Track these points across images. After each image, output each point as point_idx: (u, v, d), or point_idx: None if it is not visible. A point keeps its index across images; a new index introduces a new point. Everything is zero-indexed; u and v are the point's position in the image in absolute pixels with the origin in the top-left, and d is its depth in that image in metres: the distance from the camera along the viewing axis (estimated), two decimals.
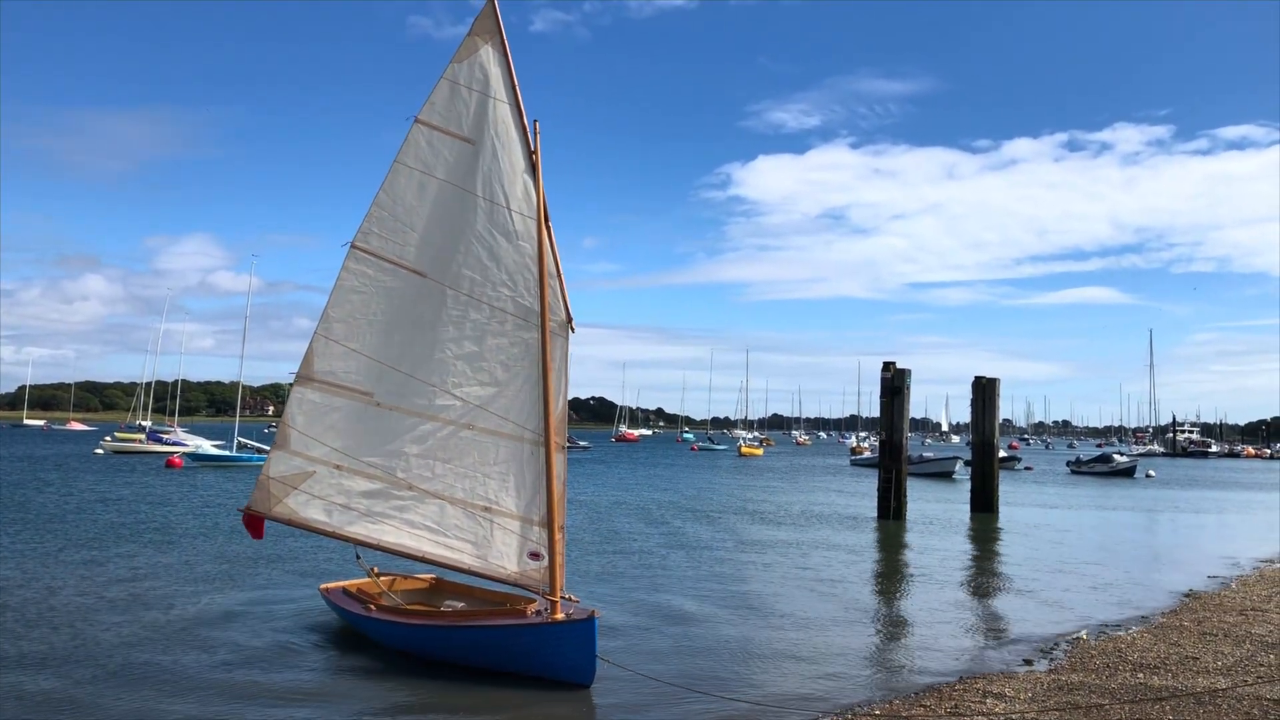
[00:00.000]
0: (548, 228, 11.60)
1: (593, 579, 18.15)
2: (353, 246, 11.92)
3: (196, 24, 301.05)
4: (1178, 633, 13.78)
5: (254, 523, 12.28)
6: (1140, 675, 11.20)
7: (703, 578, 18.88)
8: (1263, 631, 13.68)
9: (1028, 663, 12.23)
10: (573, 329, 11.65)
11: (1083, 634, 13.79)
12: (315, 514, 11.95)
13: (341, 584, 13.85)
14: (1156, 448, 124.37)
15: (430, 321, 11.82)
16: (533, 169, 11.69)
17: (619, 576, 18.69)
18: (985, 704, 9.98)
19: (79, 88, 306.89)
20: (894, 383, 32.00)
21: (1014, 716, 9.49)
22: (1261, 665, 11.61)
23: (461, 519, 11.74)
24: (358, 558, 12.96)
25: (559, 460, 11.42)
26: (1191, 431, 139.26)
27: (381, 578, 13.79)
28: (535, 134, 11.70)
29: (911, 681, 11.43)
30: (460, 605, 12.88)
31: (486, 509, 11.67)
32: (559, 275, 11.61)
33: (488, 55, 11.68)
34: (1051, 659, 12.38)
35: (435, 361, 11.79)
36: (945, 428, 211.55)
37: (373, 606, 12.48)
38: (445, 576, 13.82)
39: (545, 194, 11.71)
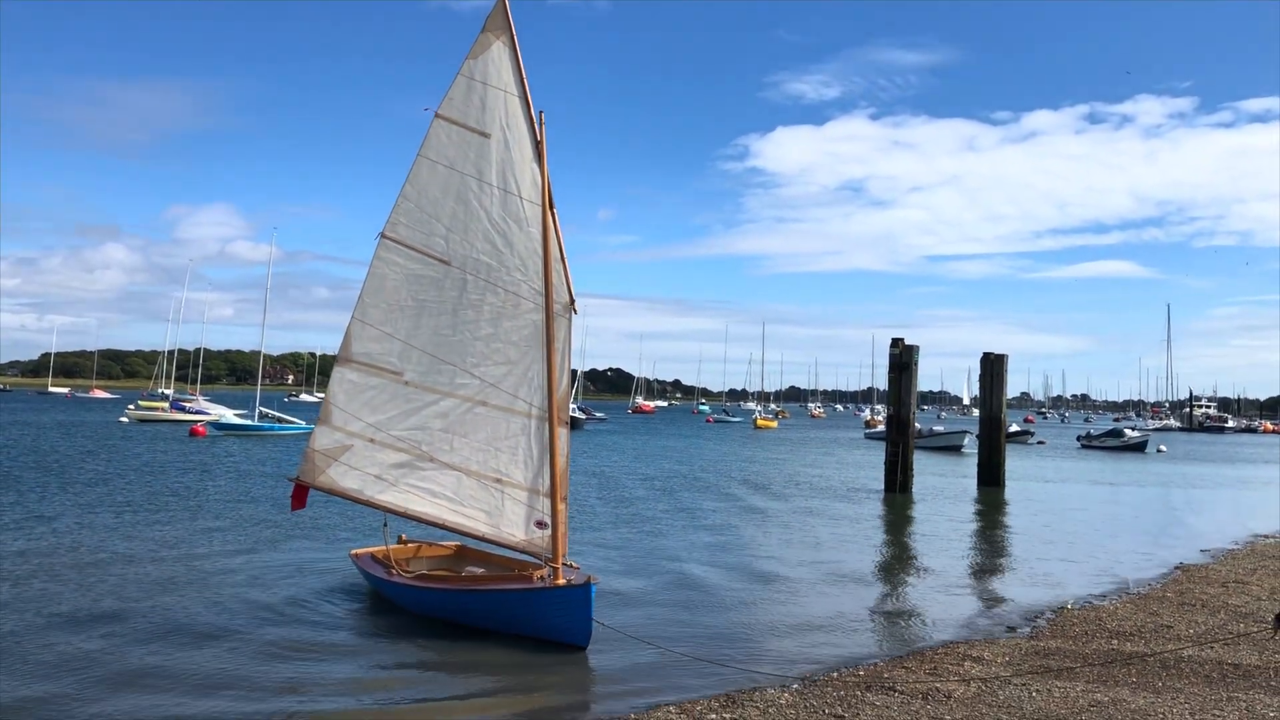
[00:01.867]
0: (553, 213, 12.26)
1: (598, 545, 18.89)
2: (383, 237, 12.71)
3: None
4: (1158, 603, 14.34)
5: (299, 493, 13.15)
6: (1115, 642, 11.81)
7: (704, 546, 19.57)
8: (1239, 602, 14.25)
9: (1011, 629, 12.83)
10: (575, 310, 12.33)
11: (1068, 604, 14.37)
12: (352, 484, 12.85)
13: (370, 550, 14.65)
14: (1173, 422, 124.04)
15: (453, 306, 12.61)
16: (539, 157, 12.32)
17: (623, 543, 19.43)
18: (963, 667, 10.58)
19: (99, 59, 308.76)
20: (902, 358, 32.48)
21: (988, 678, 10.09)
22: (1230, 633, 12.19)
23: (476, 489, 12.52)
24: (385, 525, 13.76)
25: (562, 435, 12.11)
26: (1209, 406, 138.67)
27: (409, 544, 14.64)
28: (541, 124, 12.31)
29: (898, 645, 12.08)
30: (480, 571, 13.65)
31: (498, 480, 12.44)
32: (563, 259, 12.28)
33: (500, 51, 12.31)
34: (1034, 626, 12.96)
35: (456, 343, 12.59)
36: (966, 400, 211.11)
37: (393, 571, 13.27)
38: (468, 544, 14.57)
39: (552, 178, 12.43)
